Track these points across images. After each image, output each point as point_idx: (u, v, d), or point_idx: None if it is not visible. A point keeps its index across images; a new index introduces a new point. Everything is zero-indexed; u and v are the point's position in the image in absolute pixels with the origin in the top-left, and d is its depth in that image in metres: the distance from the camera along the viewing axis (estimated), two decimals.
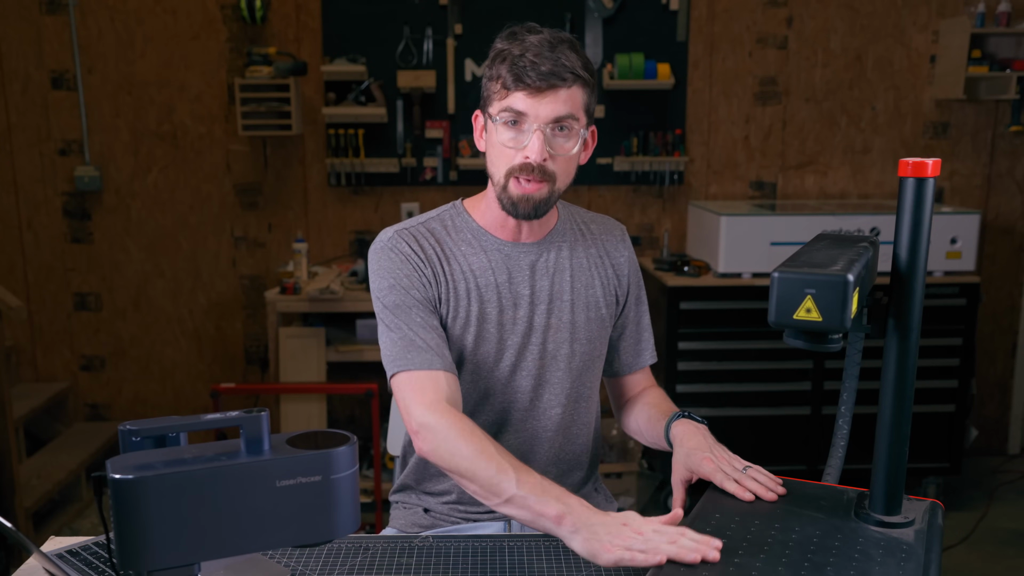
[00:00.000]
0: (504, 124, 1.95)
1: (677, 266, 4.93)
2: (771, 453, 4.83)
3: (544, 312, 2.10)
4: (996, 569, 4.38)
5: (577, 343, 2.13)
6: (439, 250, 2.08)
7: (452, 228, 2.12)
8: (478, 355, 2.08)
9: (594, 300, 2.16)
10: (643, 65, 5.19)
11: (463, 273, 2.07)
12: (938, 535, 1.53)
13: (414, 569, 1.71)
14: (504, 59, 1.93)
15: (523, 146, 1.93)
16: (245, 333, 5.58)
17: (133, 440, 1.30)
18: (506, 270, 2.09)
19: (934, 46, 5.40)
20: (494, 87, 1.96)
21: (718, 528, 1.55)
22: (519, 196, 1.97)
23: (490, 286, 2.07)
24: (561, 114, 1.92)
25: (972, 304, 4.84)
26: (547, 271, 2.12)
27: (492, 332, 2.08)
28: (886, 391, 1.50)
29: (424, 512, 2.20)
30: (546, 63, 1.88)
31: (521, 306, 2.09)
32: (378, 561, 1.75)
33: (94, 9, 5.21)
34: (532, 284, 2.10)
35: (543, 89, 1.90)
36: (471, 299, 2.06)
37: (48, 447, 5.20)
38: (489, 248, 2.10)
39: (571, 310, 2.12)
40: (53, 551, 1.78)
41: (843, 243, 1.50)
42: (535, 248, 2.12)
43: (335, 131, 5.27)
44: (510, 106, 1.92)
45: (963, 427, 4.94)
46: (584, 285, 2.15)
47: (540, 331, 2.10)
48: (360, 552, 1.79)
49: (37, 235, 5.43)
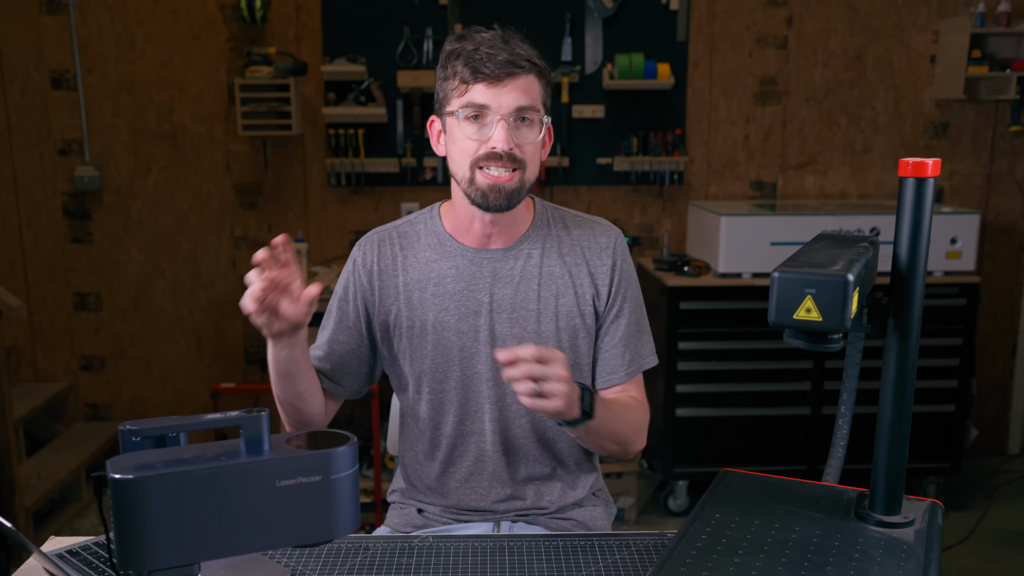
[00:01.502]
0: (466, 119, 1.95)
1: (677, 266, 4.93)
2: (771, 453, 4.84)
3: (506, 321, 2.08)
4: (996, 569, 4.38)
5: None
6: (401, 258, 2.12)
7: (423, 233, 2.14)
8: (437, 361, 2.09)
9: (565, 311, 2.10)
10: (643, 65, 5.19)
11: (420, 281, 2.09)
12: (938, 535, 1.53)
13: (414, 569, 1.72)
14: (458, 56, 1.95)
15: (487, 137, 1.93)
16: (245, 333, 5.58)
17: (133, 440, 1.30)
18: (466, 277, 2.08)
19: (934, 46, 5.40)
20: (451, 85, 1.96)
21: (718, 527, 1.55)
22: (489, 186, 1.95)
23: (447, 294, 2.07)
24: (523, 104, 1.93)
25: (972, 304, 4.85)
26: (511, 279, 2.09)
27: (450, 339, 2.07)
28: (886, 391, 1.50)
29: (418, 512, 2.21)
30: (501, 53, 1.91)
31: (481, 314, 2.07)
32: (378, 561, 1.75)
33: (94, 9, 5.22)
34: (491, 292, 2.08)
35: (502, 78, 1.91)
36: (424, 307, 2.08)
37: (48, 447, 5.20)
38: (452, 254, 2.10)
39: (537, 320, 2.08)
40: (53, 551, 1.78)
41: (843, 243, 1.50)
42: (500, 255, 2.09)
43: (335, 131, 5.28)
44: (471, 101, 1.93)
45: (963, 427, 4.94)
46: (554, 295, 2.09)
47: (502, 340, 2.07)
48: (360, 552, 1.79)
49: (37, 235, 5.43)
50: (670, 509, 4.96)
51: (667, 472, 4.93)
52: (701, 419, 4.76)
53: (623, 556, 1.75)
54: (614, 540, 1.83)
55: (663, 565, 1.42)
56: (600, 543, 1.81)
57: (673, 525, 4.77)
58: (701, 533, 1.53)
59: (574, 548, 1.79)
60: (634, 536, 1.85)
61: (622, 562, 1.73)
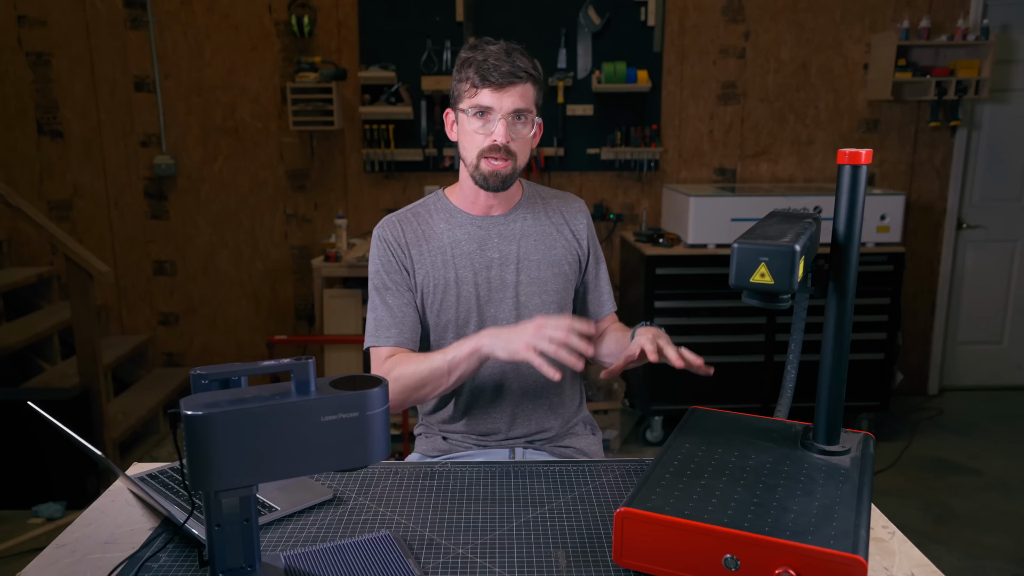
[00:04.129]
0: (475, 116, 2.01)
1: (653, 238, 4.91)
2: (731, 394, 4.85)
3: (514, 271, 2.13)
4: (918, 488, 4.39)
5: (546, 294, 2.14)
6: (420, 231, 2.14)
7: (434, 210, 2.18)
8: (460, 311, 2.12)
9: (557, 259, 2.17)
10: (625, 71, 5.17)
11: (441, 247, 2.12)
12: (870, 462, 1.53)
13: (435, 489, 1.71)
14: (470, 64, 2.01)
15: (490, 132, 2.00)
16: (295, 294, 5.58)
17: (202, 383, 1.29)
18: (476, 239, 2.13)
19: (867, 56, 5.36)
20: (464, 87, 2.02)
21: (688, 455, 1.55)
22: (489, 172, 2.03)
23: (464, 254, 2.12)
24: (519, 107, 2.00)
25: (898, 270, 4.83)
26: (514, 237, 2.15)
27: (470, 291, 2.11)
28: (827, 342, 1.49)
29: (443, 439, 2.22)
30: (505, 65, 1.97)
31: (493, 267, 2.13)
32: (405, 483, 1.75)
33: (170, 25, 5.19)
34: (501, 249, 2.14)
35: (504, 85, 1.98)
36: (447, 267, 2.11)
37: (132, 389, 5.22)
38: (463, 223, 2.15)
39: (538, 267, 2.15)
40: (136, 474, 1.79)
41: (791, 219, 1.49)
42: (501, 219, 2.16)
43: (369, 126, 5.26)
44: (479, 103, 2.00)
45: (891, 372, 4.94)
46: (547, 247, 2.17)
47: (512, 286, 2.13)
48: (390, 475, 1.79)
49: (123, 213, 5.43)
50: (648, 440, 4.96)
51: (645, 409, 4.94)
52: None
53: (609, 478, 1.75)
54: (602, 465, 1.82)
55: (642, 486, 1.42)
56: (590, 468, 1.81)
57: (650, 453, 4.78)
58: (673, 460, 1.53)
59: (569, 472, 1.79)
60: (618, 462, 1.84)
61: (608, 484, 1.73)
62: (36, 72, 5.24)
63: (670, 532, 1.32)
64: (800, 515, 1.32)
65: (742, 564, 1.27)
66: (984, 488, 4.41)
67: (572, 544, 1.48)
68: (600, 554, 1.44)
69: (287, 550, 1.47)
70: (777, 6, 5.32)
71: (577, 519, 1.58)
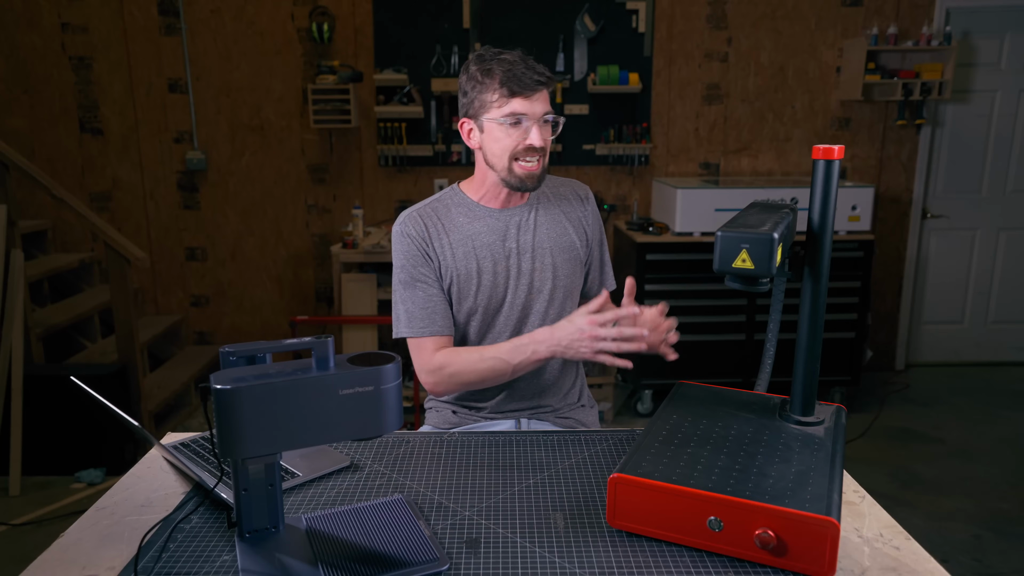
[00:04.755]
0: (510, 125, 1.97)
1: (644, 227, 4.90)
2: (715, 369, 4.84)
3: (529, 259, 2.11)
4: (887, 456, 4.39)
5: (557, 279, 2.13)
6: (440, 225, 2.10)
7: (452, 205, 2.14)
8: (479, 298, 2.09)
9: (569, 243, 2.16)
10: (618, 74, 5.15)
11: (461, 239, 2.09)
12: (842, 432, 1.53)
13: (444, 458, 1.71)
14: (493, 76, 1.96)
15: (524, 137, 1.97)
16: (316, 278, 5.57)
17: (231, 359, 1.29)
18: (496, 231, 2.11)
19: (839, 60, 5.34)
20: (491, 97, 1.97)
21: (675, 425, 1.54)
22: (526, 174, 2.01)
23: (484, 245, 2.09)
24: (548, 111, 2.00)
25: (868, 256, 4.82)
26: (529, 228, 2.13)
27: (488, 279, 2.09)
28: (802, 321, 1.48)
29: (452, 413, 2.21)
30: (531, 73, 1.95)
31: (511, 257, 2.10)
32: (416, 451, 1.75)
33: (201, 32, 5.17)
34: (518, 239, 2.11)
35: (533, 93, 1.96)
36: (468, 258, 2.08)
37: (166, 365, 5.22)
38: (482, 216, 2.12)
39: (551, 254, 2.13)
40: (169, 443, 1.79)
41: (770, 209, 1.49)
42: (517, 211, 2.14)
43: (384, 124, 5.25)
44: (513, 111, 1.96)
45: (861, 349, 4.93)
46: (559, 234, 2.15)
47: (528, 274, 2.11)
48: (403, 444, 1.79)
49: (157, 203, 5.42)
50: (638, 412, 4.96)
51: (636, 383, 4.94)
52: None
53: (603, 447, 1.75)
54: (596, 435, 1.82)
55: (633, 454, 1.42)
56: (586, 437, 1.81)
57: (641, 424, 4.79)
58: (662, 430, 1.53)
59: (567, 441, 1.79)
60: (611, 432, 1.84)
61: (602, 452, 1.73)
62: (78, 75, 5.23)
63: (659, 496, 1.32)
64: (778, 480, 1.32)
65: (725, 525, 1.28)
66: (946, 456, 4.41)
67: (569, 507, 1.48)
68: (595, 516, 1.44)
69: (308, 512, 1.47)
70: (757, 14, 5.30)
71: (574, 484, 1.58)
